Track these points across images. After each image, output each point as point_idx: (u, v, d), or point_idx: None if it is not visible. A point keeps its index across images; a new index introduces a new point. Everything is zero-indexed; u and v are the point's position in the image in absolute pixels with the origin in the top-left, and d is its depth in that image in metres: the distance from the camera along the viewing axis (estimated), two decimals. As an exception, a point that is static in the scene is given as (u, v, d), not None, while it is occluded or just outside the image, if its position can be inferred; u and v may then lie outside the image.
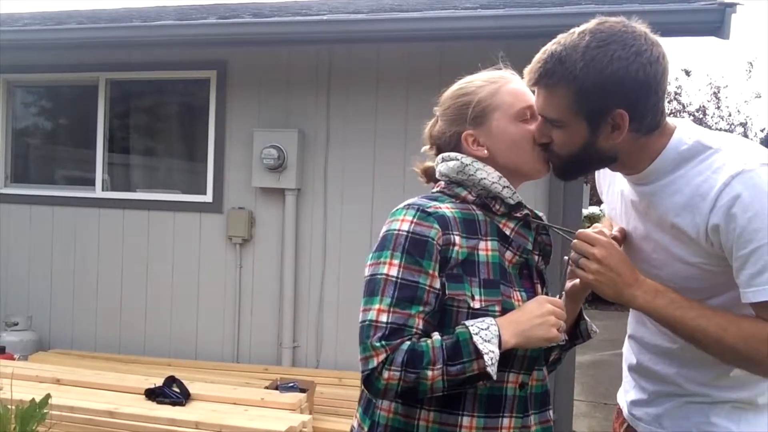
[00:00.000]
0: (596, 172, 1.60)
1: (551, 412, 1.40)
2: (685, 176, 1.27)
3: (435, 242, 1.26)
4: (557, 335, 1.26)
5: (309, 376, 4.39)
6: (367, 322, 1.24)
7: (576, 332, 1.51)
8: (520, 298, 1.32)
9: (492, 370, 1.19)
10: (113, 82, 5.32)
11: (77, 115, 5.65)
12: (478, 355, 1.19)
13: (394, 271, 1.25)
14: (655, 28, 1.27)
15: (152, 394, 3.66)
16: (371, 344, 1.22)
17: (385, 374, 1.20)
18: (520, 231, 1.36)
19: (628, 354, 1.57)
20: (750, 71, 17.36)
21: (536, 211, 1.44)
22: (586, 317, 1.51)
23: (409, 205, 1.32)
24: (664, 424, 1.45)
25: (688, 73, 15.55)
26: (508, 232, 1.35)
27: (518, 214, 1.35)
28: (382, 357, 1.21)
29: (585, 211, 10.30)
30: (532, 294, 1.35)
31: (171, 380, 3.77)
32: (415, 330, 1.23)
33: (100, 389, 3.86)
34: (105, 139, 5.32)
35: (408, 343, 1.21)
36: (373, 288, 1.26)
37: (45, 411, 2.92)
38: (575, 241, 1.33)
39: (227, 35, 4.68)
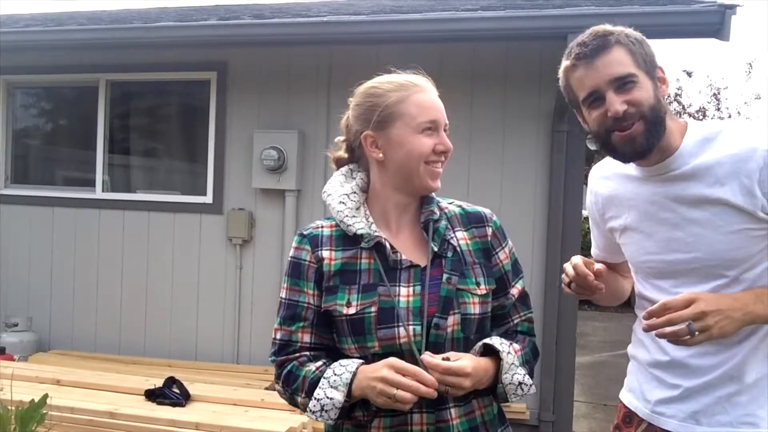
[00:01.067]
0: (589, 204, 1.68)
1: None
2: (717, 152, 1.38)
3: (308, 262, 1.39)
4: (385, 402, 1.22)
5: (309, 377, 4.39)
6: (271, 340, 1.41)
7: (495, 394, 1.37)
8: (411, 293, 1.33)
9: (315, 416, 1.25)
10: (113, 83, 5.33)
11: (77, 117, 5.66)
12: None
13: (283, 294, 1.41)
14: (655, 30, 1.30)
15: (152, 395, 3.67)
16: (270, 359, 1.40)
17: (276, 387, 1.39)
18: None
19: (656, 352, 1.53)
20: (749, 72, 17.32)
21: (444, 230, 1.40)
22: (509, 381, 1.33)
23: (300, 230, 1.46)
24: (701, 421, 1.44)
25: (689, 74, 15.49)
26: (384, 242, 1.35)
27: (363, 244, 1.35)
28: (275, 371, 1.39)
29: (585, 213, 10.27)
30: (435, 282, 1.33)
31: (171, 381, 3.77)
32: (300, 344, 1.36)
33: (100, 390, 3.87)
34: (105, 140, 5.32)
35: (293, 363, 1.35)
36: (277, 310, 1.42)
37: (45, 412, 2.92)
38: (676, 314, 1.28)
39: (228, 36, 4.68)
